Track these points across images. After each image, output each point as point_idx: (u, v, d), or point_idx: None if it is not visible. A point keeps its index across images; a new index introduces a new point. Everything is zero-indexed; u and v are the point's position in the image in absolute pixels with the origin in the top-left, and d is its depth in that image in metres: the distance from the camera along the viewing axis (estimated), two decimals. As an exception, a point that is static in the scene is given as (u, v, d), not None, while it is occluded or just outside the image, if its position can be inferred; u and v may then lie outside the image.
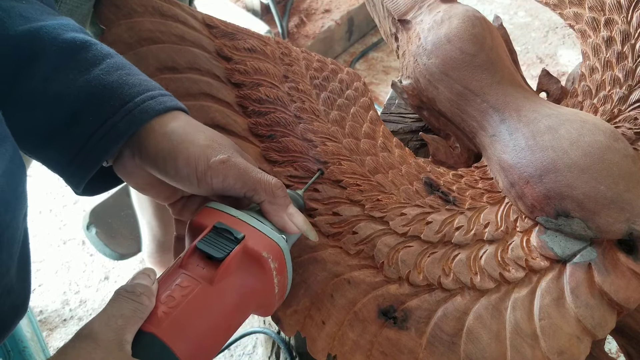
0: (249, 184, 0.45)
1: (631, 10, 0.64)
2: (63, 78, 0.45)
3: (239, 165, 0.45)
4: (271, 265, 0.43)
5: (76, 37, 0.46)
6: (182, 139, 0.45)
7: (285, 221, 0.46)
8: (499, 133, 0.59)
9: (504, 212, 0.57)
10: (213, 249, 0.41)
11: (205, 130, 0.47)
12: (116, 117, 0.44)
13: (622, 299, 0.50)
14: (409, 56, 0.67)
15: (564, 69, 1.66)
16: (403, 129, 0.71)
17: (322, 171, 0.55)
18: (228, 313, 0.42)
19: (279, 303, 0.46)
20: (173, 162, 0.44)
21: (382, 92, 1.63)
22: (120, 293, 0.39)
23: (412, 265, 0.52)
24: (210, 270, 0.41)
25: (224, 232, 0.42)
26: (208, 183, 0.44)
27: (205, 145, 0.45)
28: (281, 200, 0.46)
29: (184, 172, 0.44)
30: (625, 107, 0.62)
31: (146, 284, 0.40)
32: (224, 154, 0.45)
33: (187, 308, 0.39)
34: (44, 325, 1.21)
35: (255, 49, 0.61)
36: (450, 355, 0.49)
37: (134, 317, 0.38)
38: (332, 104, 0.61)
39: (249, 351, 1.17)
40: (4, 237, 0.40)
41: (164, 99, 0.47)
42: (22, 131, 0.44)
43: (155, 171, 0.46)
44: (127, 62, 0.48)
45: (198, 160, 0.44)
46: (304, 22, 1.67)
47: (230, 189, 0.45)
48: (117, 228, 1.26)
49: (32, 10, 0.46)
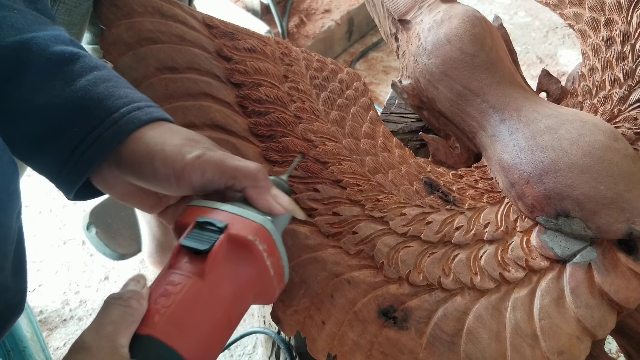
0: (227, 173, 0.44)
1: (631, 10, 0.64)
2: (50, 89, 0.45)
3: (215, 157, 0.44)
4: (259, 247, 0.42)
5: (65, 49, 0.46)
6: (156, 142, 0.45)
7: (270, 202, 0.45)
8: (499, 133, 0.59)
9: (504, 212, 0.57)
10: (197, 242, 0.41)
11: (182, 132, 0.47)
12: (101, 127, 0.44)
13: (622, 299, 0.50)
14: (409, 56, 0.67)
15: (564, 69, 1.66)
16: (403, 129, 0.71)
17: (302, 154, 0.55)
18: (225, 304, 0.41)
19: (279, 287, 0.45)
20: (150, 165, 0.44)
21: (382, 92, 1.63)
22: (108, 301, 0.39)
23: (412, 265, 0.52)
24: (199, 264, 0.40)
25: (206, 225, 0.42)
26: (187, 180, 0.44)
27: (180, 144, 0.44)
28: (263, 182, 0.45)
29: (162, 172, 0.44)
30: (625, 107, 0.62)
31: (135, 288, 0.40)
32: (199, 150, 0.44)
33: (181, 305, 0.39)
34: (44, 325, 1.21)
35: (255, 49, 0.61)
36: (450, 355, 0.49)
37: (123, 321, 0.38)
38: (332, 104, 0.61)
39: (249, 351, 1.17)
40: None
41: (150, 109, 0.47)
42: (10, 139, 0.44)
43: (134, 178, 0.46)
44: (114, 75, 0.48)
45: (174, 160, 0.44)
46: (304, 22, 1.67)
47: (210, 183, 0.44)
48: (117, 228, 1.25)
49: (24, 21, 0.47)
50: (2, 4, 0.46)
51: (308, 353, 0.50)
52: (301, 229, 0.53)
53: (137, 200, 0.50)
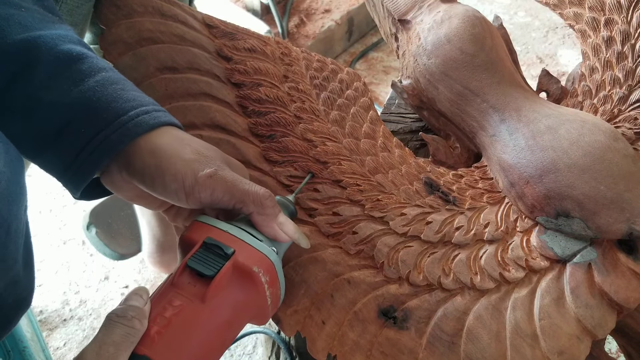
0: (236, 197, 0.45)
1: (631, 10, 0.64)
2: (58, 87, 0.45)
3: (227, 178, 0.45)
4: (262, 279, 0.43)
5: (73, 48, 0.46)
6: (168, 155, 0.45)
7: (276, 231, 0.46)
8: (499, 133, 0.59)
9: (504, 212, 0.57)
10: (203, 266, 0.41)
11: (193, 142, 0.47)
12: (109, 129, 0.45)
13: (622, 299, 0.50)
14: (409, 56, 0.67)
15: (564, 69, 1.66)
16: (403, 129, 0.71)
17: (312, 174, 0.55)
18: (222, 329, 0.42)
19: (272, 312, 0.46)
20: (160, 179, 0.44)
21: (382, 92, 1.63)
22: (111, 318, 0.39)
23: (412, 265, 0.52)
24: (202, 288, 0.41)
25: (213, 247, 0.42)
26: (196, 197, 0.44)
27: (191, 160, 0.45)
28: (270, 210, 0.46)
29: (172, 187, 0.44)
30: (625, 107, 0.62)
31: (138, 305, 0.40)
32: (210, 167, 0.45)
33: (179, 327, 0.40)
34: (44, 325, 1.21)
35: (255, 49, 0.61)
36: (450, 355, 0.49)
37: (125, 342, 0.38)
38: (332, 104, 0.61)
39: (249, 351, 1.17)
40: (12, 228, 0.41)
41: (158, 114, 0.47)
42: (17, 137, 0.44)
43: (143, 186, 0.46)
44: (122, 77, 0.48)
45: (185, 176, 0.44)
46: (304, 22, 1.67)
47: (218, 202, 0.45)
48: (117, 228, 1.26)
49: (31, 19, 0.47)
50: (10, 2, 0.46)
51: (308, 353, 0.50)
52: (301, 229, 0.53)
53: (145, 202, 0.50)
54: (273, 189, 0.55)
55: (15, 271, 0.43)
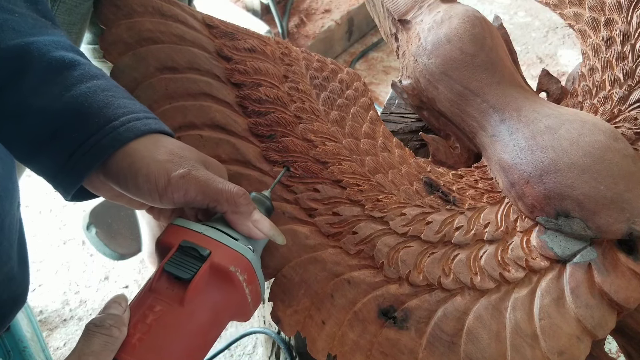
0: (210, 196, 0.45)
1: (631, 10, 0.64)
2: (49, 93, 0.45)
3: (199, 177, 0.45)
4: (240, 278, 0.43)
5: (65, 55, 0.47)
6: (141, 156, 0.45)
7: (250, 228, 0.46)
8: (499, 133, 0.59)
9: (504, 212, 0.57)
10: (180, 269, 0.42)
11: (169, 144, 0.47)
12: (99, 134, 0.45)
13: (622, 299, 0.50)
14: (409, 56, 0.67)
15: (564, 69, 1.66)
16: (403, 129, 0.71)
17: (287, 167, 0.55)
18: (203, 330, 0.42)
19: (254, 309, 0.46)
20: (133, 180, 0.45)
21: (382, 92, 1.63)
22: (89, 328, 0.39)
23: (412, 265, 0.52)
24: (180, 291, 0.41)
25: (189, 250, 0.42)
26: (170, 198, 0.45)
27: (164, 160, 0.45)
28: (244, 208, 0.46)
29: (145, 188, 0.45)
30: (625, 107, 0.62)
31: (117, 313, 0.40)
32: (184, 168, 0.45)
33: (160, 332, 0.40)
34: (44, 325, 1.21)
35: (255, 49, 0.61)
36: (450, 355, 0.49)
37: (104, 351, 0.38)
38: (332, 104, 0.61)
39: (249, 351, 1.17)
40: (5, 224, 0.41)
41: (149, 121, 0.47)
42: (10, 141, 0.45)
43: (118, 188, 0.46)
44: (114, 84, 0.49)
45: (158, 177, 0.44)
46: (304, 22, 1.67)
47: (192, 202, 0.45)
48: (117, 228, 1.26)
49: (25, 24, 0.47)
50: (3, 7, 0.47)
51: (308, 353, 0.50)
52: (301, 229, 0.53)
53: (125, 201, 0.51)
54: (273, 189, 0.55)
55: (9, 268, 0.44)
